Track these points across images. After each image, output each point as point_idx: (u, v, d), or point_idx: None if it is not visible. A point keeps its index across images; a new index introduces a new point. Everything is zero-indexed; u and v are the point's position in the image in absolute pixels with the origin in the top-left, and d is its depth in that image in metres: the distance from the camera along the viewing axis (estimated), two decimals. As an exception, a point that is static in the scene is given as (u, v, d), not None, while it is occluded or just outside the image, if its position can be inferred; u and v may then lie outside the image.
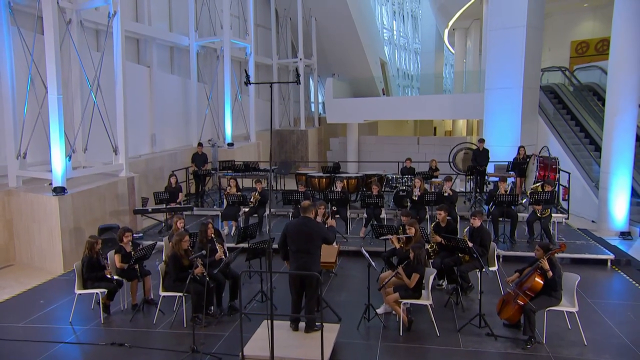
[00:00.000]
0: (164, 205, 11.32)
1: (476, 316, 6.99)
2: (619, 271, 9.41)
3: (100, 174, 12.71)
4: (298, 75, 7.51)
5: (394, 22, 39.40)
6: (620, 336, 6.81)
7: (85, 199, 11.07)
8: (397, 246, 7.80)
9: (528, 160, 13.38)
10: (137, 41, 16.45)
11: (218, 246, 7.57)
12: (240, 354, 5.82)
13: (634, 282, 8.82)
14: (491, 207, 10.72)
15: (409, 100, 25.30)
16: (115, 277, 7.55)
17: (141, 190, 13.33)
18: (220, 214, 11.49)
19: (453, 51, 33.60)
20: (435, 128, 34.44)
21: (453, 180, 14.45)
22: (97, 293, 7.49)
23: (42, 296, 8.69)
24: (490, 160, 13.91)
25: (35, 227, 10.70)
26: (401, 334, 6.82)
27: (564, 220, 12.28)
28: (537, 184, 11.02)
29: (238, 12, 20.68)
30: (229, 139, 18.00)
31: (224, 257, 7.56)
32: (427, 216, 11.22)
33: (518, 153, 13.52)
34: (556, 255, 6.72)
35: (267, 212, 11.38)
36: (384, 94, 26.99)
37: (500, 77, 17.11)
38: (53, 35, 10.41)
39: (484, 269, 7.83)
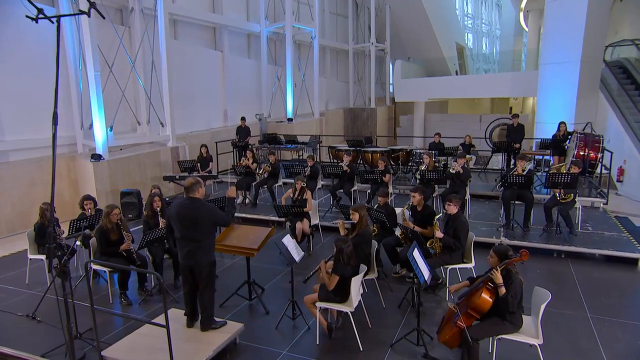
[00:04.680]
0: (187, 174, 9.82)
1: (413, 330, 4.46)
2: (653, 276, 6.03)
3: (156, 143, 11.64)
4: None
5: (483, 11, 34.11)
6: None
7: (123, 165, 9.95)
8: (342, 233, 5.40)
9: (570, 137, 9.73)
10: (214, 29, 15.02)
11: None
12: (98, 354, 4.02)
13: (668, 295, 5.48)
14: (498, 188, 7.64)
15: (468, 79, 21.15)
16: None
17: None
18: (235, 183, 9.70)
19: (527, 29, 27.79)
20: (511, 108, 29.27)
21: (490, 157, 11.29)
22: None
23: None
24: (525, 136, 10.41)
25: (83, 188, 9.84)
26: (317, 342, 4.53)
27: (602, 205, 8.67)
28: (561, 165, 7.66)
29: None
30: (290, 115, 16.09)
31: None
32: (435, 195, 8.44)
33: (558, 129, 9.86)
34: (515, 265, 3.91)
35: (280, 183, 9.56)
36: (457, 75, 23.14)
37: (556, 51, 13.03)
38: (88, 22, 9.19)
39: (449, 266, 5.23)
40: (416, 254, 4.27)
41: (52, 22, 3.12)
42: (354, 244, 5.03)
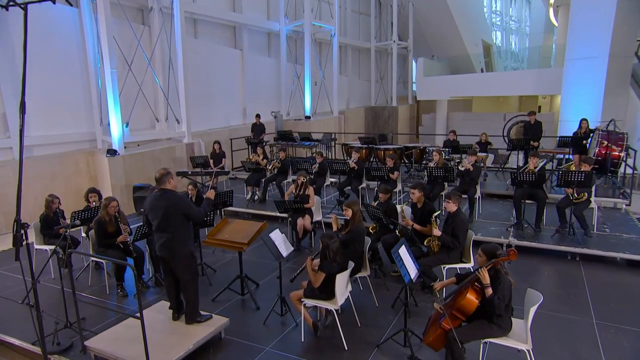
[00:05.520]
0: (199, 169, 9.85)
1: (400, 331, 4.24)
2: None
3: (173, 140, 11.75)
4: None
5: (511, 8, 32.93)
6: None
7: (138, 160, 10.08)
8: (334, 228, 5.21)
9: (591, 135, 9.17)
10: (234, 28, 15.07)
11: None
12: (81, 344, 4.01)
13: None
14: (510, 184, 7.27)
15: (491, 76, 20.32)
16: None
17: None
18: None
19: (556, 24, 26.51)
20: (540, 107, 28.08)
21: (508, 155, 10.82)
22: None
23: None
24: (548, 134, 9.90)
25: (102, 182, 10.03)
26: (303, 339, 4.38)
27: (624, 206, 8.13)
28: (570, 163, 7.20)
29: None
30: (307, 113, 15.96)
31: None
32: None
33: (580, 126, 9.31)
34: (505, 265, 3.63)
35: (289, 180, 9.44)
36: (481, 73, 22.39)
37: (582, 46, 12.37)
38: (105, 21, 9.33)
39: (446, 265, 4.98)
40: (403, 251, 4.05)
41: (22, 9, 3.07)
42: (346, 240, 4.88)
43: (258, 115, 12.53)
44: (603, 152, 8.49)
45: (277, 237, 4.63)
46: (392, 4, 21.12)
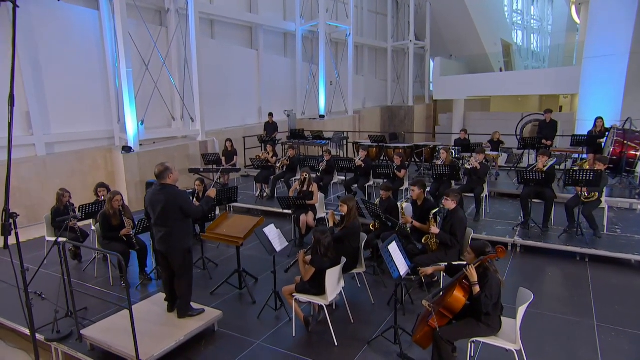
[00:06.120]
0: (211, 166, 9.96)
1: (391, 328, 4.16)
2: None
3: (187, 138, 11.92)
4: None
5: (533, 7, 32.07)
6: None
7: (152, 157, 10.24)
8: (331, 224, 5.15)
9: (607, 133, 8.83)
10: (250, 29, 15.18)
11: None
12: (77, 333, 4.08)
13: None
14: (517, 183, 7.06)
15: (508, 75, 19.73)
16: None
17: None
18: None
19: (578, 22, 25.60)
20: (561, 107, 27.22)
21: (521, 155, 10.54)
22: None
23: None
24: (564, 134, 9.58)
25: (119, 179, 10.25)
26: (294, 334, 4.35)
27: (639, 207, 7.79)
28: (584, 161, 6.93)
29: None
30: (322, 112, 15.93)
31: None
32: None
33: (595, 125, 8.99)
34: (493, 261, 3.51)
35: (298, 177, 9.41)
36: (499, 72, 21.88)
37: (602, 43, 11.94)
38: (122, 22, 9.53)
39: (444, 264, 4.85)
40: (393, 247, 3.97)
41: (12, 2, 3.11)
42: (341, 236, 4.83)
43: (271, 114, 12.57)
44: (618, 151, 8.17)
45: (272, 231, 4.62)
46: (409, 3, 20.86)
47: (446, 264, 3.98)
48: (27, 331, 4.61)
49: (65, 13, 9.58)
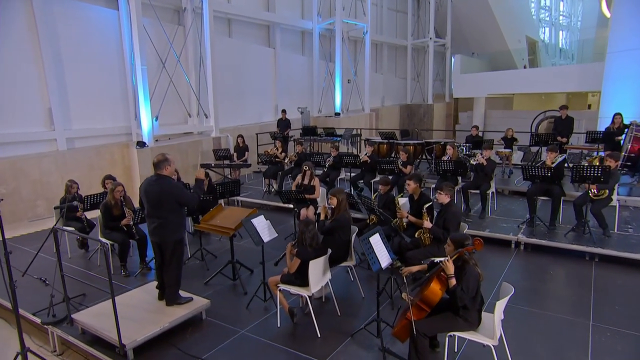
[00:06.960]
0: (222, 162, 10.06)
1: (373, 321, 4.07)
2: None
3: (202, 134, 12.09)
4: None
5: (562, 2, 30.91)
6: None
7: (165, 152, 10.42)
8: (322, 217, 5.09)
9: (626, 130, 8.41)
10: (267, 27, 15.25)
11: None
12: (69, 317, 4.19)
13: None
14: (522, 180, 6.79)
15: (529, 72, 18.96)
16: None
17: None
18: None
19: (608, 16, 24.43)
20: (589, 105, 26.07)
21: (537, 152, 10.18)
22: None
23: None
24: (583, 131, 9.17)
25: (135, 173, 10.49)
26: (279, 325, 4.32)
27: (655, 206, 7.38)
28: (594, 157, 6.61)
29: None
30: (337, 109, 15.85)
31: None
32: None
33: (613, 121, 8.59)
34: (471, 254, 3.38)
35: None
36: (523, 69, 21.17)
37: (626, 37, 11.38)
38: (137, 20, 9.74)
39: (437, 260, 4.72)
40: (375, 239, 3.89)
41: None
42: (331, 228, 4.77)
43: (284, 111, 12.60)
44: (637, 148, 7.76)
45: (260, 222, 4.61)
46: (429, 0, 20.50)
47: (430, 261, 3.86)
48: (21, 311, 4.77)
49: (86, 13, 9.87)
